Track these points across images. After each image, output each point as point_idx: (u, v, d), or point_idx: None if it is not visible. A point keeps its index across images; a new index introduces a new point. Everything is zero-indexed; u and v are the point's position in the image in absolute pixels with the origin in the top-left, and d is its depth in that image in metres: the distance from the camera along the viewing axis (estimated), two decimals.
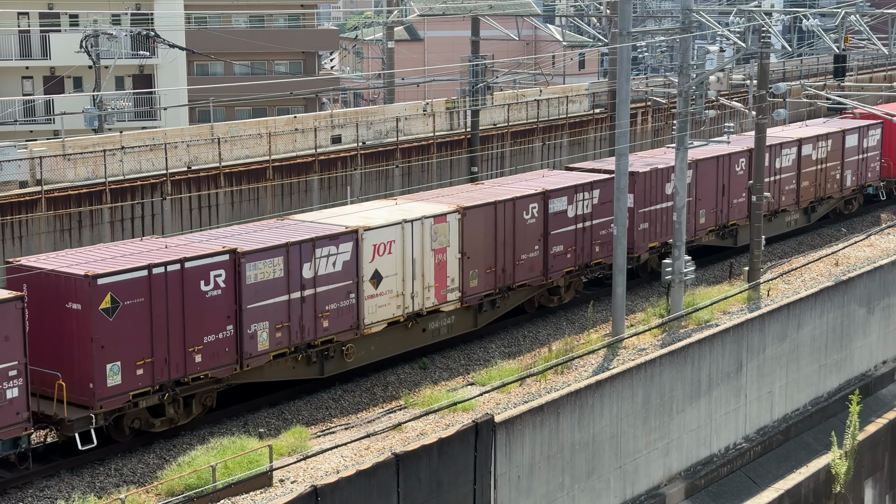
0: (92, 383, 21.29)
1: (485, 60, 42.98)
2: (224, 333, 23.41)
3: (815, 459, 31.02)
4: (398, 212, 27.87)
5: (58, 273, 21.64)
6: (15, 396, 20.23)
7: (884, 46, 38.03)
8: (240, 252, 23.60)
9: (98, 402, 21.40)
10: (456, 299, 28.48)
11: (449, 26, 75.94)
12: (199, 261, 22.89)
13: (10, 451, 20.66)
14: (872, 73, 68.32)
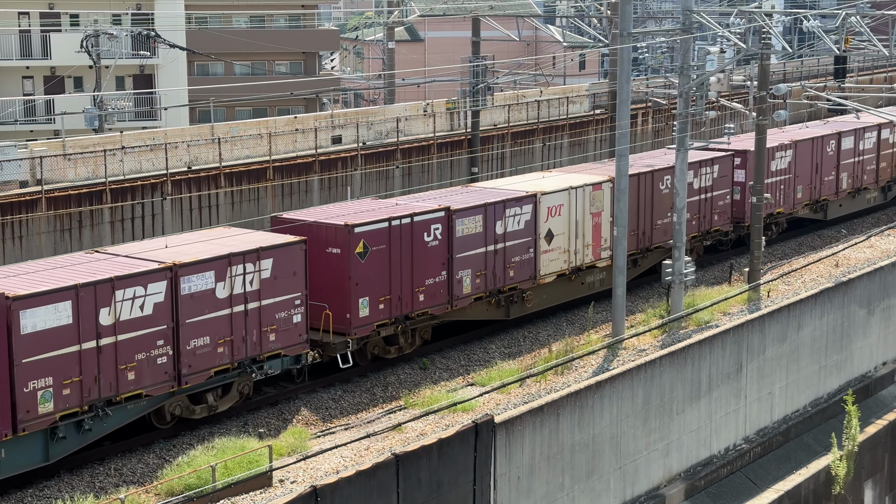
0: (349, 314, 25.93)
1: (485, 61, 42.99)
2: (439, 278, 28.10)
3: (815, 460, 31.02)
4: (561, 181, 32.57)
5: (320, 224, 26.23)
6: (299, 321, 24.69)
7: (884, 48, 38.03)
8: (452, 209, 28.26)
9: (353, 329, 26.05)
10: (607, 257, 32.77)
11: (449, 27, 75.95)
12: (423, 216, 27.53)
13: (293, 366, 25.18)
14: (873, 75, 68.32)
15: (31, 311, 20.06)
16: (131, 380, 21.75)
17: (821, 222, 43.06)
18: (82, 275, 21.45)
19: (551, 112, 48.02)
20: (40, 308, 20.23)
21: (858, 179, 44.19)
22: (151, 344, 21.92)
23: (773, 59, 55.14)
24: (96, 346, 21.10)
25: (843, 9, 37.58)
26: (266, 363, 24.22)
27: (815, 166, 41.56)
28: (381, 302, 26.60)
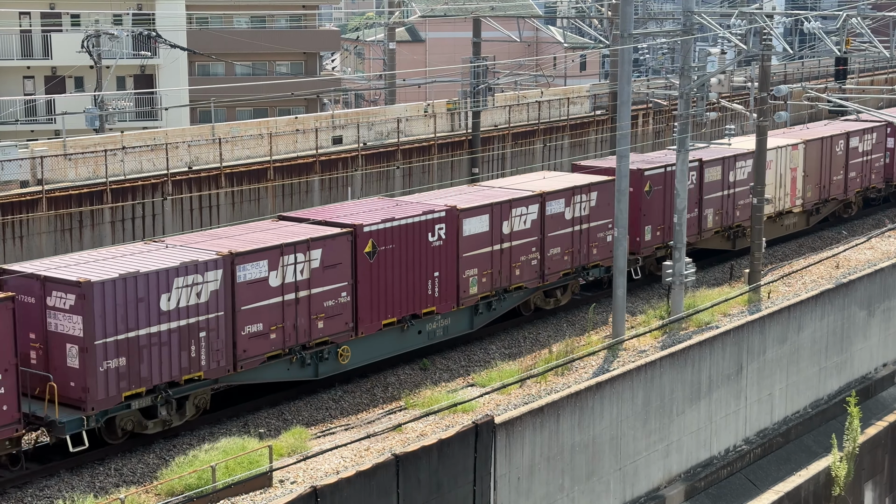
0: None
1: (486, 62, 42.98)
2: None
3: (815, 462, 31.01)
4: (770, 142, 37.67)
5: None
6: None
7: (885, 49, 38.02)
8: (703, 161, 36.59)
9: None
10: (800, 205, 41.26)
11: (450, 27, 75.96)
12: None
13: (605, 275, 33.00)
14: (874, 76, 68.32)
15: (469, 220, 28.52)
16: (517, 275, 30.09)
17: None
18: (497, 196, 30.03)
19: (552, 113, 48.01)
20: (474, 218, 28.70)
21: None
22: (527, 250, 30.36)
23: (773, 61, 55.10)
24: (500, 249, 29.47)
25: (844, 10, 37.59)
26: (590, 271, 32.57)
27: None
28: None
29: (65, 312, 21.25)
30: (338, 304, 25.51)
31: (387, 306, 26.71)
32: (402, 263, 26.95)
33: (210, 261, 22.87)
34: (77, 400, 21.27)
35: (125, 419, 22.14)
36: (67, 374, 21.28)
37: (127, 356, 21.65)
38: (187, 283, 22.46)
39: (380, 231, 26.34)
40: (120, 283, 21.44)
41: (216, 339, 23.07)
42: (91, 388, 21.16)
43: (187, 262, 22.61)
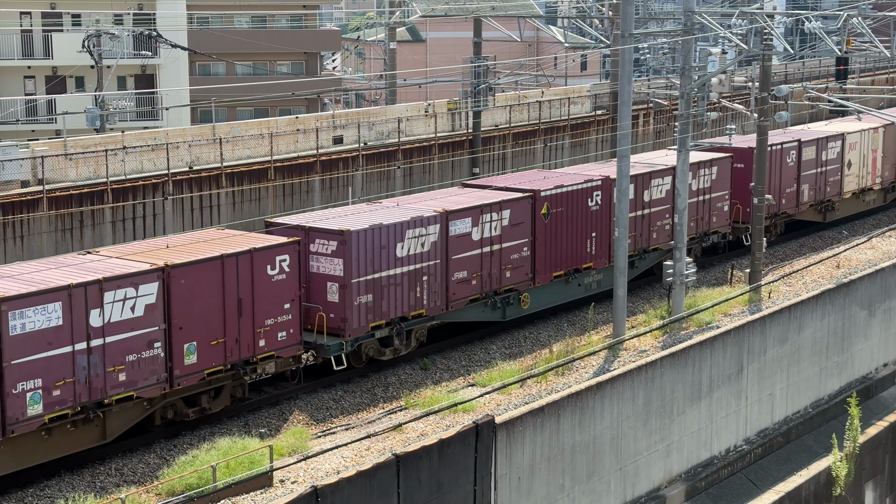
0: None
1: (487, 62, 42.97)
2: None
3: (816, 462, 31.01)
4: (856, 126, 44.10)
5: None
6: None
7: (886, 49, 38.01)
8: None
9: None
10: (879, 182, 45.20)
11: (451, 27, 75.95)
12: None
13: None
14: (874, 76, 68.30)
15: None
16: (654, 238, 34.59)
17: None
18: (638, 169, 33.67)
19: (553, 113, 48.00)
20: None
21: None
22: (662, 217, 34.51)
23: (774, 61, 55.10)
24: (641, 215, 33.74)
25: (845, 10, 37.58)
26: (710, 236, 36.76)
27: None
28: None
29: (326, 256, 26.00)
30: (521, 258, 30.24)
31: (556, 261, 31.27)
32: (569, 224, 31.54)
33: (431, 216, 27.64)
34: (336, 329, 25.92)
35: (369, 346, 26.87)
36: (328, 307, 25.94)
37: (372, 293, 26.36)
38: (415, 234, 27.20)
39: (553, 196, 30.90)
40: (369, 233, 26.18)
41: (434, 282, 27.88)
42: (349, 318, 25.88)
43: (415, 217, 27.35)
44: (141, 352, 21.81)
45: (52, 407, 20.51)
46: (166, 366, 22.31)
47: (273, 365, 24.42)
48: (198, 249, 23.69)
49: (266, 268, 24.00)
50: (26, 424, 20.23)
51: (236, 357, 23.60)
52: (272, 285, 24.15)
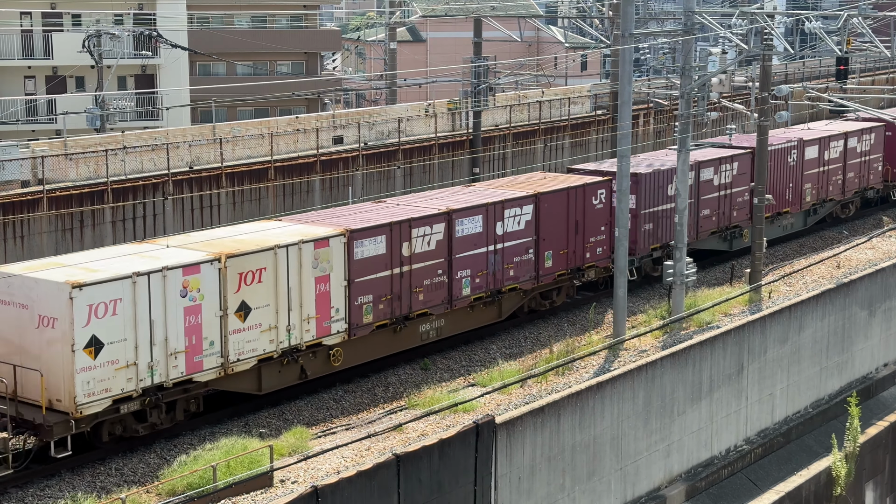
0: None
1: (487, 61, 42.97)
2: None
3: (816, 462, 31.01)
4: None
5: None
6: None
7: (886, 49, 38.01)
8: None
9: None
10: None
11: (451, 27, 75.94)
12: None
13: None
14: (875, 76, 68.29)
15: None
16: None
17: None
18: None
19: (553, 113, 47.99)
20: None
21: None
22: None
23: (774, 61, 55.08)
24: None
25: (845, 10, 37.57)
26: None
27: None
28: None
29: None
30: (743, 201, 38.10)
31: (776, 203, 38.69)
32: (777, 174, 39.21)
33: (692, 164, 34.32)
34: (629, 251, 30.75)
35: (647, 265, 34.69)
36: None
37: (652, 223, 34.33)
38: (691, 179, 33.65)
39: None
40: (651, 176, 34.21)
41: (691, 216, 34.62)
42: (638, 242, 33.70)
43: (698, 161, 35.75)
44: (522, 255, 30.13)
45: (475, 290, 28.90)
46: (535, 266, 30.55)
47: (593, 272, 32.32)
48: (547, 184, 31.65)
49: (591, 198, 31.99)
50: (462, 301, 28.72)
51: (573, 264, 31.69)
52: (594, 212, 32.14)
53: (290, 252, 24.29)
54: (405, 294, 27.16)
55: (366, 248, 26.11)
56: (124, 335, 21.44)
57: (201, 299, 22.61)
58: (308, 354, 25.03)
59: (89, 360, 20.97)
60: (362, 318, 26.08)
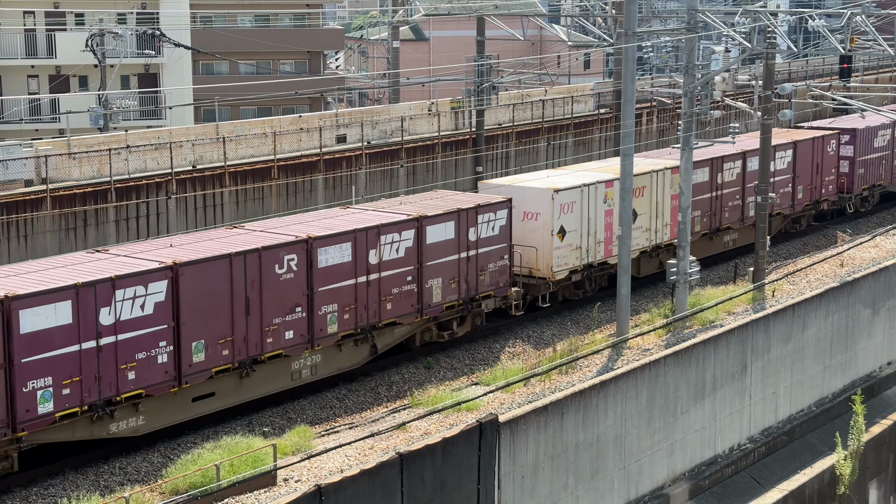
0: None
1: (490, 60, 42.93)
2: None
3: (820, 460, 30.99)
4: None
5: None
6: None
7: (890, 47, 37.96)
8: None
9: None
10: None
11: (454, 26, 75.91)
12: None
13: None
14: (878, 74, 68.20)
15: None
16: None
17: None
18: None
19: (556, 111, 47.96)
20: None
21: None
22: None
23: (778, 59, 54.97)
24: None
25: (849, 8, 37.52)
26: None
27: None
28: None
29: (844, 145, 43.80)
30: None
31: None
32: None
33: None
34: (846, 188, 42.09)
35: (856, 202, 43.41)
36: (841, 176, 43.78)
37: (864, 168, 43.39)
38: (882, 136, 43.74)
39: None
40: (865, 131, 43.73)
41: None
42: (855, 183, 43.70)
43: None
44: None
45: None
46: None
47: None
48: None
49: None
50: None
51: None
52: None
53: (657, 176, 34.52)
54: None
55: None
56: (577, 227, 31.37)
57: (613, 206, 32.11)
58: None
59: (559, 242, 31.18)
60: None
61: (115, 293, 21.12)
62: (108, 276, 21.18)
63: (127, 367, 21.47)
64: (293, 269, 24.42)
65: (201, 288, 22.60)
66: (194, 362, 22.59)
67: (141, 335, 21.63)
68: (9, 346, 19.81)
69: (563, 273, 31.21)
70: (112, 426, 21.64)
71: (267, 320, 23.91)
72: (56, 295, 20.36)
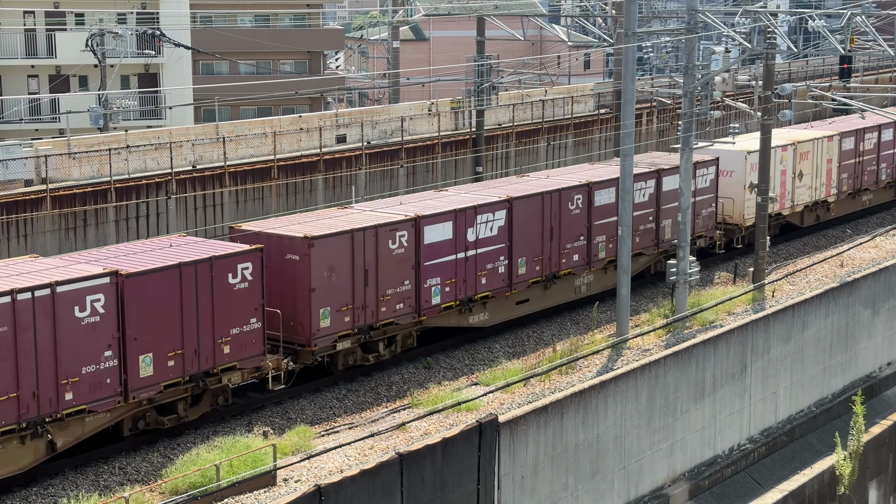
0: None
1: (490, 60, 42.94)
2: None
3: (820, 461, 30.98)
4: None
5: None
6: None
7: (890, 47, 37.97)
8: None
9: None
10: None
11: (454, 26, 75.91)
12: None
13: None
14: (878, 75, 68.20)
15: None
16: None
17: None
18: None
19: (556, 111, 47.97)
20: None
21: None
22: None
23: (778, 59, 54.98)
24: None
25: (849, 9, 37.53)
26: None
27: None
28: None
29: None
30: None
31: None
32: None
33: None
34: None
35: None
36: None
37: None
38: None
39: None
40: None
41: None
42: None
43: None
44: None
45: None
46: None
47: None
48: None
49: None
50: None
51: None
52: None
53: None
54: None
55: None
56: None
57: (786, 167, 39.29)
58: None
59: (749, 194, 37.22)
60: None
61: (476, 217, 28.86)
62: (472, 205, 28.94)
63: (481, 274, 29.02)
64: None
65: (524, 217, 30.08)
66: (519, 274, 30.11)
67: (490, 251, 29.23)
68: (418, 252, 27.18)
69: (751, 220, 36.96)
70: (471, 318, 29.10)
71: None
72: (444, 216, 28.00)
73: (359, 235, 26.00)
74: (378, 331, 26.75)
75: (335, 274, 25.34)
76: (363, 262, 26.05)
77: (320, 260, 24.98)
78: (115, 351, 21.19)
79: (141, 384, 21.79)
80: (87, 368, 20.83)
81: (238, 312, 23.20)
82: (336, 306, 25.41)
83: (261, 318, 23.54)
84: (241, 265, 23.17)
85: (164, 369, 22.13)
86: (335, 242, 25.42)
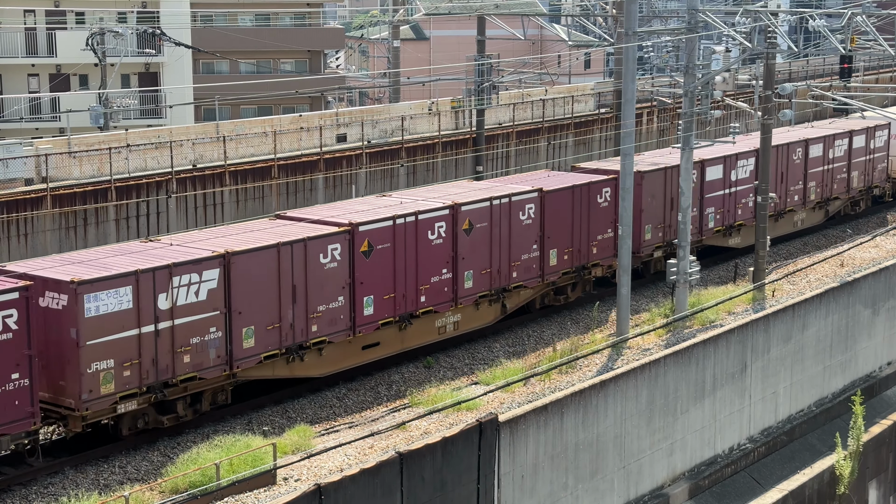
0: None
1: (490, 60, 42.95)
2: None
3: (820, 460, 30.98)
4: None
5: None
6: None
7: (890, 47, 37.97)
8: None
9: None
10: None
11: (455, 25, 75.92)
12: None
13: None
14: (879, 74, 68.22)
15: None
16: None
17: None
18: None
19: (556, 111, 47.98)
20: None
21: None
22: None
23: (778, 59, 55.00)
24: None
25: (849, 8, 37.53)
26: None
27: None
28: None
29: None
30: None
31: None
32: None
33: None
34: None
35: None
36: None
37: None
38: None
39: None
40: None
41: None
42: None
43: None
44: None
45: None
46: None
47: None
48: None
49: None
50: None
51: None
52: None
53: None
54: None
55: None
56: None
57: None
58: None
59: None
60: None
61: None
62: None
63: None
64: None
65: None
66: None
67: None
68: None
69: None
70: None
71: None
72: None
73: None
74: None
75: None
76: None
77: None
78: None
79: None
80: None
81: (880, 159, 45.22)
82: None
83: (887, 166, 44.27)
84: (881, 131, 44.96)
85: (839, 188, 40.07)
86: None
